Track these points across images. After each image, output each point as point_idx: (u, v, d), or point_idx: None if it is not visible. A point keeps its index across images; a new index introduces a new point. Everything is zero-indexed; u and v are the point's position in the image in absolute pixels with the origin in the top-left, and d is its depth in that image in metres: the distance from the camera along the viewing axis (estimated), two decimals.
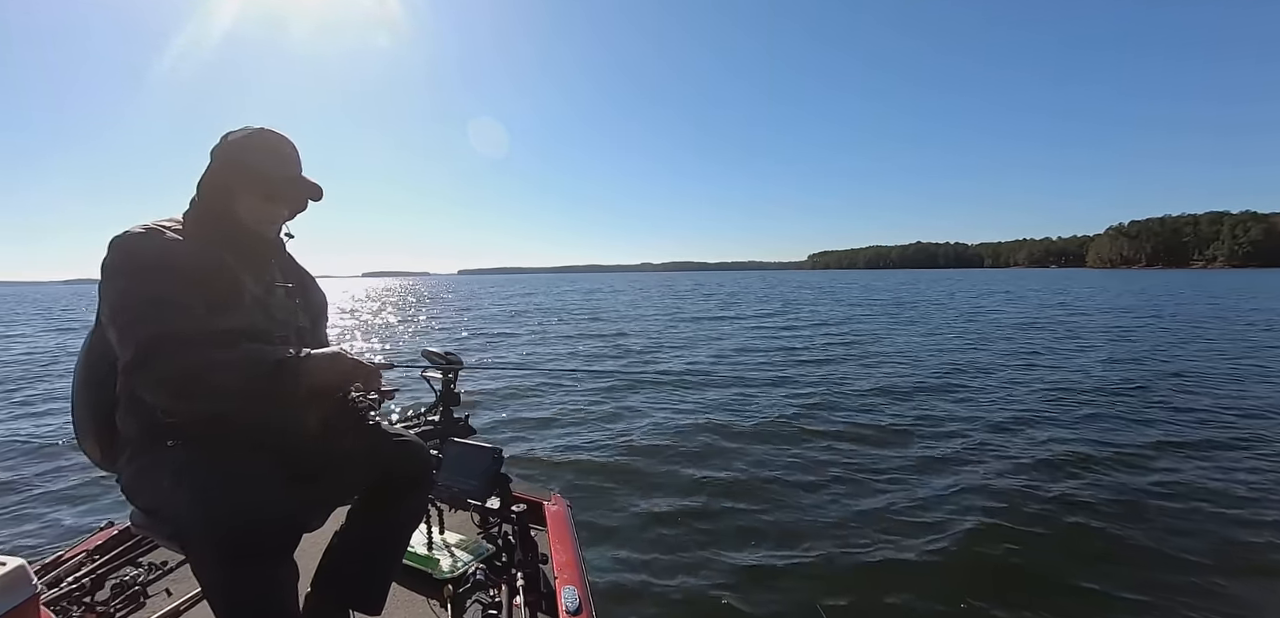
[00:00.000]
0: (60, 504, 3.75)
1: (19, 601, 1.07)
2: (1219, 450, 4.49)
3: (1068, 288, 38.13)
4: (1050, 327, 14.29)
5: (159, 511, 1.19)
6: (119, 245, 1.14)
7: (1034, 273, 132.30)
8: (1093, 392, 6.67)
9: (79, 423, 1.31)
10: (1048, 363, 8.96)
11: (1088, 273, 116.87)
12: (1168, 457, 4.35)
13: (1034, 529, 3.21)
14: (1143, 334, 12.43)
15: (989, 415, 5.71)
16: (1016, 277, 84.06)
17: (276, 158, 1.31)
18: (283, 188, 1.32)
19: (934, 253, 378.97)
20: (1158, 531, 3.19)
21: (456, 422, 2.30)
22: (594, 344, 12.43)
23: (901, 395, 6.67)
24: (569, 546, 1.91)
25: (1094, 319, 15.98)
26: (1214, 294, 27.67)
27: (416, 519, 1.52)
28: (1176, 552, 2.96)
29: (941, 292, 34.78)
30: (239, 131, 1.30)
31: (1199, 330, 12.93)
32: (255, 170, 1.28)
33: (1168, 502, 3.54)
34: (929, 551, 2.98)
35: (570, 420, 5.74)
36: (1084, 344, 11.08)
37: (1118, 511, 3.44)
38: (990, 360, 9.25)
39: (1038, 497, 3.63)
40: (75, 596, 1.68)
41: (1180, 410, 5.80)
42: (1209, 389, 6.77)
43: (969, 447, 4.70)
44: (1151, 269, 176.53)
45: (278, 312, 1.32)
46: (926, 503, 3.57)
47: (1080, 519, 3.34)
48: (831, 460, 4.36)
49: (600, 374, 8.24)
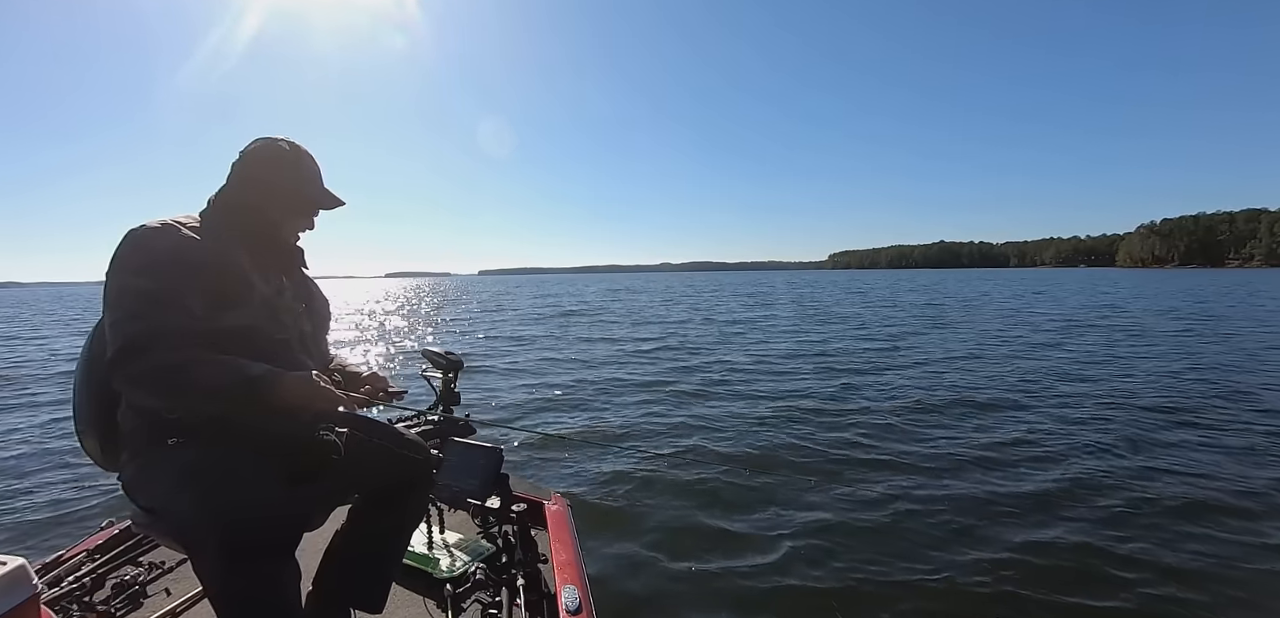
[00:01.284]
0: (61, 503, 3.75)
1: (19, 600, 1.07)
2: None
3: (1106, 287, 35.78)
4: (1108, 328, 13.15)
5: (160, 509, 1.19)
6: (132, 238, 1.15)
7: (1064, 273, 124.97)
8: (1200, 403, 5.85)
9: (80, 420, 1.31)
10: (1122, 370, 7.91)
11: (1121, 273, 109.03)
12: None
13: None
14: (1206, 336, 11.48)
15: (1065, 429, 5.04)
16: (1049, 276, 79.11)
17: (309, 174, 1.38)
18: (315, 202, 1.39)
19: (958, 252, 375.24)
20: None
21: (457, 421, 2.30)
22: (627, 348, 11.54)
23: (934, 408, 5.93)
24: (569, 546, 1.91)
25: (1155, 321, 14.69)
26: (1260, 292, 26.33)
27: (417, 519, 1.53)
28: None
29: (973, 292, 32.36)
30: (265, 142, 1.34)
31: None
32: (295, 187, 1.35)
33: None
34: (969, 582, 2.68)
35: (571, 421, 5.74)
36: (1154, 347, 9.96)
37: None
38: (1056, 366, 8.27)
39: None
40: (76, 595, 1.68)
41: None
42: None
43: (1035, 460, 4.24)
44: (1186, 268, 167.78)
45: (284, 314, 1.33)
46: (972, 526, 3.21)
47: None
48: (850, 466, 4.26)
49: (629, 380, 8.22)
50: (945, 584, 2.70)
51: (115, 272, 1.13)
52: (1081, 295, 27.00)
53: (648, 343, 12.11)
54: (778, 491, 3.78)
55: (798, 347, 11.19)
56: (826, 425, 5.34)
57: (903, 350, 10.31)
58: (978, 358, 9.27)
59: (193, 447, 1.14)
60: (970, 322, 15.54)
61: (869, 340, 11.90)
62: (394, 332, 16.93)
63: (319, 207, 1.41)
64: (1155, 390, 6.58)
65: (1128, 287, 36.62)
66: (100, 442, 1.29)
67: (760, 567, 2.85)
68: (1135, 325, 13.74)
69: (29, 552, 1.25)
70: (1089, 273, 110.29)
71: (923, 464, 4.24)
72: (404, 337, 15.33)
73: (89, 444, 1.32)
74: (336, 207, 1.43)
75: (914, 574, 2.77)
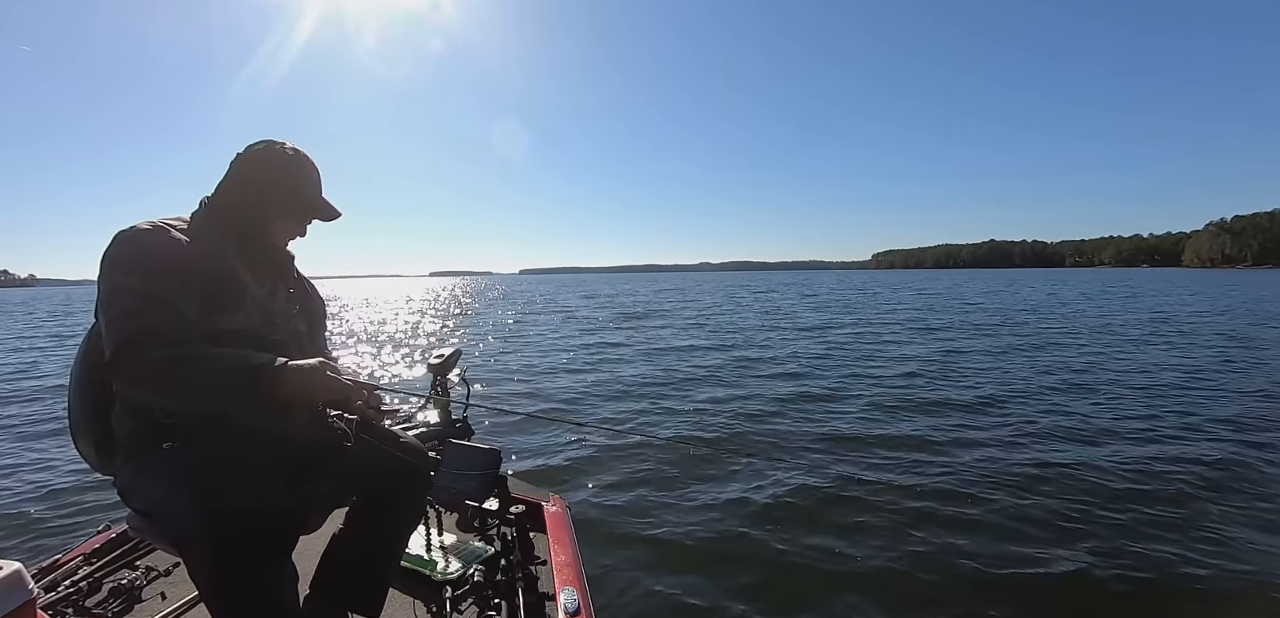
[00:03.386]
0: (57, 507, 3.74)
1: (16, 605, 1.07)
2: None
3: (1199, 287, 32.10)
4: (1214, 337, 11.35)
5: (156, 513, 1.18)
6: (123, 239, 1.14)
7: (1128, 273, 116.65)
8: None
9: (74, 423, 1.30)
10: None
11: (1190, 273, 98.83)
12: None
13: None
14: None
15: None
16: (1118, 277, 70.94)
17: (309, 180, 1.37)
18: (311, 208, 1.38)
19: (1009, 251, 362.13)
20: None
21: (455, 423, 2.30)
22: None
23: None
24: (567, 547, 1.91)
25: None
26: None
27: (415, 521, 1.53)
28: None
29: (1038, 296, 27.64)
30: (263, 146, 1.33)
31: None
32: (292, 191, 1.34)
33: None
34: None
35: (571, 421, 5.72)
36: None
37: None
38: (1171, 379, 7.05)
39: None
40: (72, 599, 1.67)
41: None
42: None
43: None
44: (1260, 269, 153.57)
45: (278, 316, 1.32)
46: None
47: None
48: (884, 477, 4.07)
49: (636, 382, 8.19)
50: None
51: (107, 274, 1.12)
52: (1194, 299, 23.55)
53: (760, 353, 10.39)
54: (806, 506, 3.56)
55: (926, 352, 9.99)
56: (887, 438, 5.31)
57: (1041, 358, 9.04)
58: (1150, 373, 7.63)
59: (188, 450, 1.14)
60: (1103, 325, 13.74)
61: (998, 347, 10.30)
62: (487, 331, 15.82)
63: (314, 213, 1.39)
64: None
65: (1214, 289, 32.15)
66: (96, 445, 1.28)
67: (765, 571, 2.84)
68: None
69: (25, 556, 1.25)
70: (1153, 273, 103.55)
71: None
72: (493, 339, 13.88)
73: (84, 447, 1.31)
74: (333, 217, 1.42)
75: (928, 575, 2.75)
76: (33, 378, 9.05)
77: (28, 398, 7.42)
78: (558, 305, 26.15)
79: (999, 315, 17.26)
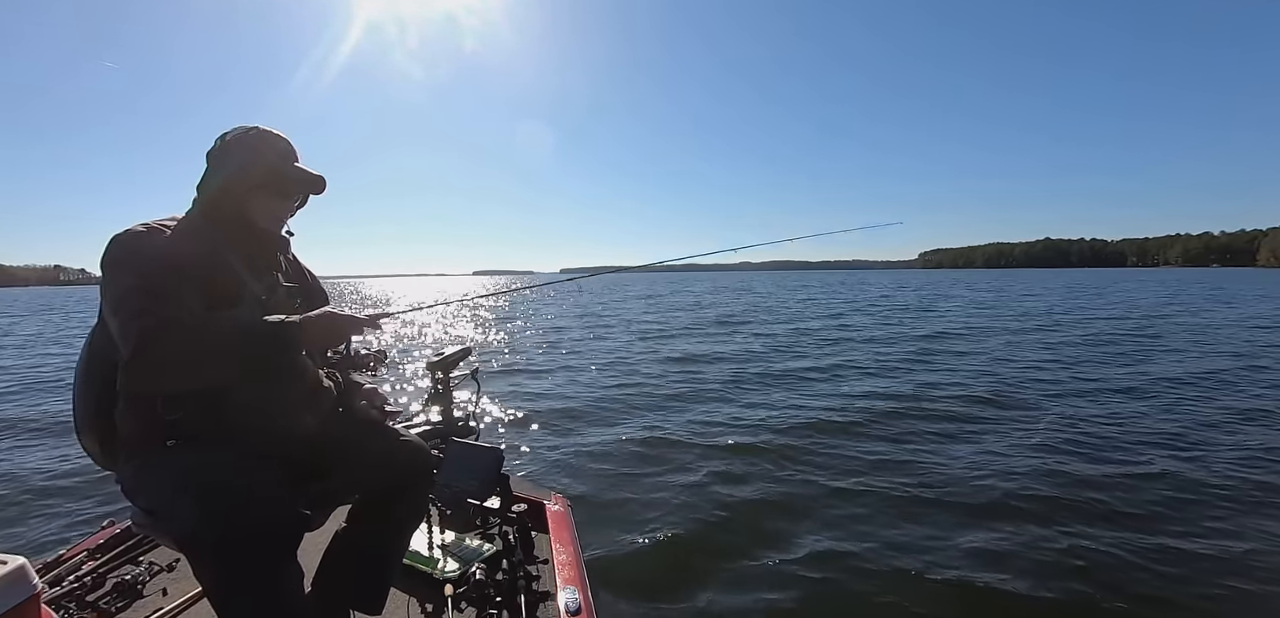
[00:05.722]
0: (62, 503, 3.75)
1: (20, 599, 1.07)
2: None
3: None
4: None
5: (160, 511, 1.19)
6: (120, 242, 1.15)
7: (1198, 273, 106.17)
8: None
9: (79, 419, 1.31)
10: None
11: (1272, 274, 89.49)
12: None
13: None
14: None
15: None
16: (1198, 277, 62.74)
17: (282, 153, 1.35)
18: (292, 182, 1.36)
19: (1066, 250, 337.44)
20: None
21: (458, 421, 2.30)
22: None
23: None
24: (569, 546, 1.91)
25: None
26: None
27: (417, 520, 1.53)
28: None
29: (1113, 303, 21.86)
30: (236, 131, 1.33)
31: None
32: (267, 166, 1.32)
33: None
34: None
35: (572, 421, 5.72)
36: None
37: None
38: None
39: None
40: (76, 595, 1.68)
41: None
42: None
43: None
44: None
45: (277, 310, 1.32)
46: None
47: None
48: (885, 477, 4.01)
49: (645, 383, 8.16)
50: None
51: (109, 278, 1.13)
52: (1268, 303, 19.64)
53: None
54: (808, 505, 3.50)
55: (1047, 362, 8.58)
56: (892, 439, 5.26)
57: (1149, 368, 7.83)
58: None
59: (191, 449, 1.14)
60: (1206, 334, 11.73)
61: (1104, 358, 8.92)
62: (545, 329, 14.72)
63: (288, 182, 1.36)
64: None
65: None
66: (100, 441, 1.29)
67: (768, 571, 2.83)
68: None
69: (30, 551, 1.25)
70: (1224, 273, 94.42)
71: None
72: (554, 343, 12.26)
73: (88, 444, 1.31)
74: (315, 186, 1.39)
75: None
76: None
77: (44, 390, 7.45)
78: (637, 318, 18.68)
79: (1153, 323, 14.08)
